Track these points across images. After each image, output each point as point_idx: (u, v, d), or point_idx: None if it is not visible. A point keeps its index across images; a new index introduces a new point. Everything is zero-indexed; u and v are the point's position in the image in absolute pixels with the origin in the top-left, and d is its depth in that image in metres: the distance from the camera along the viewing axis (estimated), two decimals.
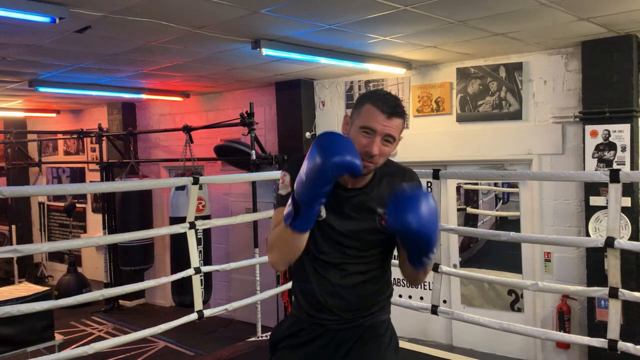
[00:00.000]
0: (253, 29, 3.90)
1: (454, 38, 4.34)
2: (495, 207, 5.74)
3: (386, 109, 1.70)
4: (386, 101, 1.72)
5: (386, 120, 1.70)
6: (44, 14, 3.13)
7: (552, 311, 4.89)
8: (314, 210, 1.59)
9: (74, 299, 3.29)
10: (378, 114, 1.70)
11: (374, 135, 1.70)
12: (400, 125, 1.75)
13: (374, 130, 1.70)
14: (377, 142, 1.70)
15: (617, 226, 2.96)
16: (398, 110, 1.72)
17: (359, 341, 1.91)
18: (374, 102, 1.72)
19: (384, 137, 1.71)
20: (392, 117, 1.71)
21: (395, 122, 1.72)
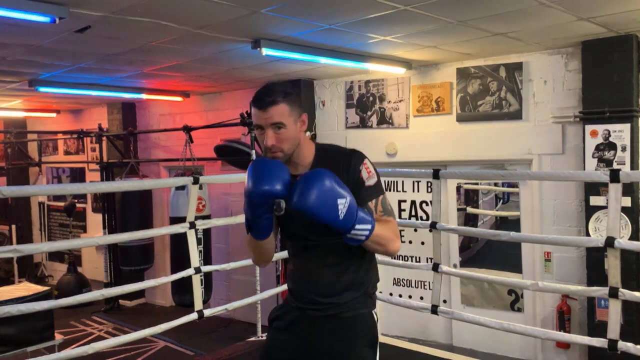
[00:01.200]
0: (253, 29, 3.90)
1: (454, 38, 4.34)
2: (495, 207, 5.74)
3: (258, 104, 1.83)
4: (258, 97, 1.84)
5: (264, 113, 1.82)
6: (44, 14, 3.13)
7: (552, 311, 4.89)
8: (262, 224, 1.81)
9: (74, 298, 3.29)
10: (256, 111, 1.84)
11: (264, 130, 1.84)
12: (284, 109, 1.83)
13: (261, 125, 1.84)
14: (268, 134, 1.83)
15: (617, 226, 2.97)
16: (268, 100, 1.82)
17: (334, 333, 1.96)
18: (252, 102, 1.87)
19: (273, 127, 1.83)
20: (267, 108, 1.82)
21: (274, 110, 1.82)
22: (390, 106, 5.78)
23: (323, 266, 1.97)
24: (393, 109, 5.76)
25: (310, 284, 1.99)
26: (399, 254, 5.55)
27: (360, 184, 1.89)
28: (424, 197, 5.70)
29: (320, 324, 1.98)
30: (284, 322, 2.07)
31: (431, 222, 3.71)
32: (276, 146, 1.85)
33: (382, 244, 1.85)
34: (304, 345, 2.00)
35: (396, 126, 5.74)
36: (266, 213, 1.78)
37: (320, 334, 1.97)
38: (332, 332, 1.96)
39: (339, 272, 1.96)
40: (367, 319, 2.00)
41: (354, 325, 1.97)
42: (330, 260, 1.96)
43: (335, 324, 1.96)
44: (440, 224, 3.70)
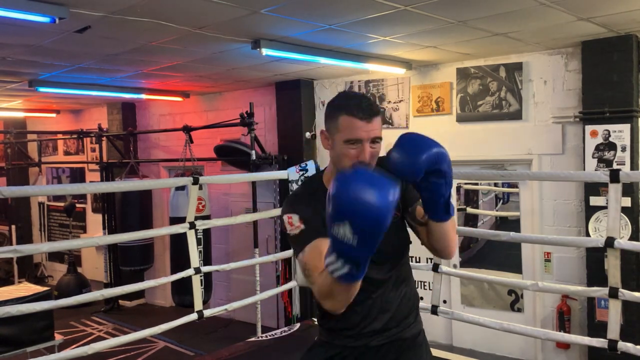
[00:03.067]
0: (253, 29, 3.90)
1: (454, 38, 4.34)
2: (495, 207, 5.74)
3: (364, 114, 1.63)
4: (360, 106, 1.64)
5: (368, 125, 1.63)
6: (44, 14, 3.13)
7: (552, 311, 4.89)
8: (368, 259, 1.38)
9: (74, 299, 3.29)
10: (357, 122, 1.62)
11: (361, 144, 1.63)
12: (381, 122, 1.70)
13: (360, 140, 1.63)
14: (366, 149, 1.64)
15: (617, 226, 2.96)
16: (375, 110, 1.67)
17: (402, 354, 1.85)
18: (349, 111, 1.64)
19: (371, 141, 1.66)
20: (371, 119, 1.64)
21: (377, 123, 1.66)
22: (390, 106, 5.78)
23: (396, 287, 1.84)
24: (393, 109, 5.76)
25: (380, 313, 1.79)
26: None
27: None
28: None
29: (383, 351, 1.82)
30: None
31: None
32: (371, 163, 1.64)
33: (455, 230, 1.73)
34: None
35: (396, 126, 5.74)
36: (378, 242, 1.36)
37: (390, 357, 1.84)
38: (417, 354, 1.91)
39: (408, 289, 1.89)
40: (424, 335, 1.98)
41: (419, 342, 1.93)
42: (400, 279, 1.87)
43: (401, 345, 1.85)
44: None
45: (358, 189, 1.30)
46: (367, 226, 1.29)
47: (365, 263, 1.35)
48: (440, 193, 1.59)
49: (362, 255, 1.33)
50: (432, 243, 1.76)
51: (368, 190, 1.29)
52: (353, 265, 1.34)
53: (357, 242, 1.29)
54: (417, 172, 1.53)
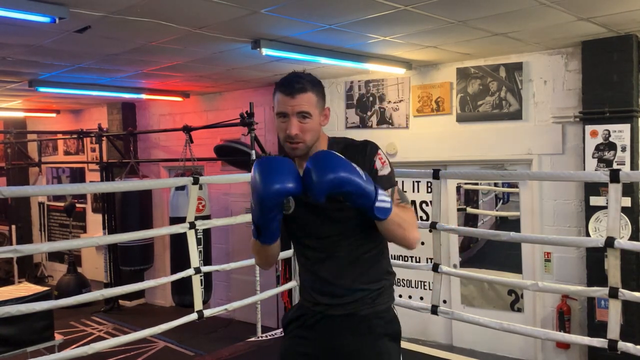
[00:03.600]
0: (253, 29, 3.90)
1: (454, 38, 4.34)
2: (495, 207, 5.74)
3: (287, 90, 1.77)
4: (287, 82, 1.78)
5: (292, 100, 1.76)
6: (44, 14, 3.13)
7: (552, 311, 4.89)
8: (273, 227, 1.72)
9: (74, 299, 3.29)
10: (283, 97, 1.77)
11: (287, 118, 1.77)
12: (312, 98, 1.78)
13: (286, 113, 1.77)
14: (293, 123, 1.76)
15: (617, 226, 2.96)
16: (298, 87, 1.76)
17: (355, 331, 1.91)
18: (279, 87, 1.80)
19: (298, 115, 1.76)
20: (295, 94, 1.76)
21: (303, 98, 1.76)
22: (390, 106, 5.78)
23: (341, 263, 1.91)
24: (393, 109, 5.76)
25: (329, 283, 1.92)
26: (398, 254, 5.55)
27: (374, 173, 1.81)
28: (424, 197, 5.70)
29: (340, 323, 1.92)
30: (304, 325, 2.00)
31: (431, 222, 3.71)
32: (299, 136, 1.77)
33: (403, 226, 1.76)
34: (325, 345, 1.95)
35: (396, 126, 5.74)
36: (278, 215, 1.69)
37: (341, 333, 1.93)
38: (353, 331, 1.92)
39: (358, 269, 1.91)
40: (388, 314, 1.97)
41: (375, 321, 1.93)
42: (348, 257, 1.90)
43: (357, 322, 1.92)
44: (440, 224, 3.70)
45: (257, 171, 1.63)
46: (257, 201, 1.64)
47: (262, 230, 1.72)
48: (357, 205, 1.68)
49: (258, 222, 1.71)
50: (386, 237, 1.88)
51: (263, 174, 1.63)
52: (255, 228, 1.74)
53: (256, 210, 1.67)
54: (318, 197, 1.63)
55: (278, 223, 1.73)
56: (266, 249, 1.85)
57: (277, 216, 1.70)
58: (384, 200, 1.67)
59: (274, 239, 1.78)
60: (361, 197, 1.64)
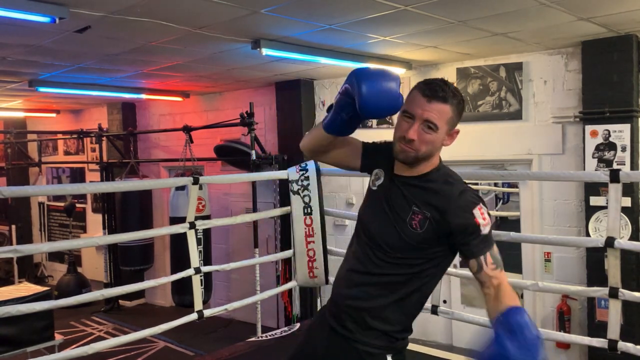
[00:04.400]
0: (253, 29, 3.90)
1: (454, 38, 4.34)
2: (495, 207, 5.74)
3: (426, 92, 1.65)
4: (429, 85, 1.67)
5: (426, 104, 1.64)
6: (44, 14, 3.13)
7: (552, 311, 4.89)
8: (338, 117, 1.78)
9: (74, 299, 3.28)
10: (419, 97, 1.66)
11: (413, 120, 1.66)
12: (445, 112, 1.66)
13: (413, 115, 1.66)
14: (415, 127, 1.65)
15: (617, 226, 2.96)
16: (440, 94, 1.64)
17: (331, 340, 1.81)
18: (420, 86, 1.70)
19: (424, 123, 1.65)
20: (432, 100, 1.64)
21: (437, 107, 1.64)
22: None
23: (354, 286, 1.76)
24: None
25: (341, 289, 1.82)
26: None
27: (475, 229, 1.66)
28: None
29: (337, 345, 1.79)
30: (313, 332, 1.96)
31: None
32: (416, 143, 1.65)
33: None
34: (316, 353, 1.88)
35: None
36: (349, 111, 1.74)
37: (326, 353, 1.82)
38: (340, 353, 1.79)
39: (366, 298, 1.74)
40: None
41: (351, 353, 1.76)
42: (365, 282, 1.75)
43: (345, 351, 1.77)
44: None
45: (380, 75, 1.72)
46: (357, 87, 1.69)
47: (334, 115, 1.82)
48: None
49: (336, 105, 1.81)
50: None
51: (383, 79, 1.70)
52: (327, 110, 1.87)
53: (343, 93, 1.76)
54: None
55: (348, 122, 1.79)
56: (321, 134, 1.89)
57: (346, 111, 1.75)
58: None
59: (332, 129, 1.84)
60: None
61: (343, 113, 1.75)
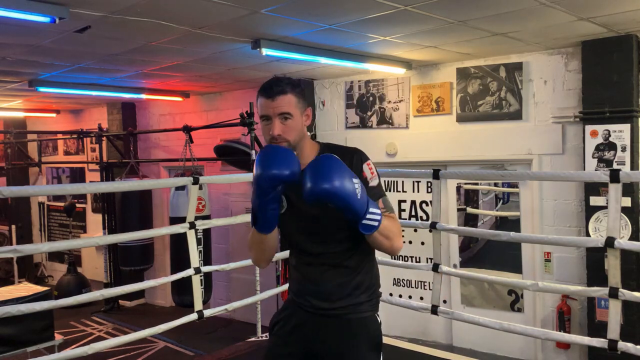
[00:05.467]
0: (253, 29, 3.90)
1: (454, 38, 4.34)
2: (495, 207, 5.74)
3: (266, 93, 1.83)
4: (267, 86, 1.85)
5: (272, 103, 1.82)
6: (44, 14, 3.13)
7: (552, 311, 4.89)
8: (268, 215, 1.80)
9: (74, 299, 3.29)
10: (264, 101, 1.85)
11: (270, 121, 1.84)
12: (292, 99, 1.85)
13: (268, 116, 1.84)
14: (275, 124, 1.83)
15: (617, 226, 2.96)
16: (277, 89, 1.83)
17: (339, 335, 1.95)
18: (260, 92, 1.88)
19: (280, 117, 1.83)
20: (275, 97, 1.82)
21: (283, 100, 1.83)
22: (390, 106, 5.78)
23: (330, 268, 1.95)
24: (393, 109, 5.76)
25: (317, 286, 1.97)
26: (399, 254, 5.55)
27: (365, 183, 1.84)
28: (424, 197, 5.70)
29: (325, 326, 1.96)
30: (289, 325, 2.04)
31: (431, 222, 3.71)
32: (282, 136, 1.84)
33: (389, 237, 1.84)
34: (309, 347, 1.99)
35: (396, 126, 5.74)
36: (274, 202, 1.77)
37: (325, 336, 1.96)
38: (337, 335, 1.95)
39: (346, 274, 1.95)
40: (372, 322, 1.99)
41: (360, 328, 1.96)
42: (337, 262, 1.95)
43: (341, 326, 1.95)
44: (440, 224, 3.70)
45: (259, 157, 1.75)
46: (255, 184, 1.75)
47: (258, 215, 1.80)
48: (345, 218, 1.76)
49: (255, 206, 1.79)
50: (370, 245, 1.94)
51: (263, 159, 1.74)
52: (252, 216, 1.83)
53: (254, 194, 1.77)
54: (308, 201, 1.72)
55: (274, 212, 1.80)
56: (262, 241, 1.90)
57: (272, 204, 1.78)
58: (372, 218, 1.74)
59: (270, 229, 1.85)
60: (350, 212, 1.72)
61: (273, 206, 1.80)
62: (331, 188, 1.65)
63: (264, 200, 1.76)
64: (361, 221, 1.73)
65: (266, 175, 1.70)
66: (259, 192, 1.75)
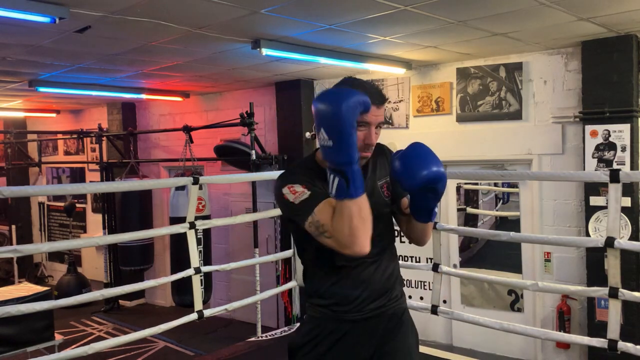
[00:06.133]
0: (253, 29, 3.90)
1: (454, 38, 4.34)
2: (495, 207, 5.74)
3: (376, 99, 1.75)
4: (377, 93, 1.80)
5: (377, 110, 1.77)
6: (44, 14, 3.13)
7: (552, 311, 4.89)
8: (357, 166, 1.54)
9: (74, 299, 3.29)
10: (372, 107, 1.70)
11: (368, 127, 1.77)
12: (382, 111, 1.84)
13: (368, 123, 1.76)
14: (372, 132, 1.78)
15: (617, 226, 2.96)
16: (385, 97, 1.85)
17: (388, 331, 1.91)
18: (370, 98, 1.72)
19: (377, 125, 1.81)
20: (380, 105, 1.79)
21: (383, 109, 1.83)
22: (390, 106, 5.78)
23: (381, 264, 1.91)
24: (393, 109, 5.76)
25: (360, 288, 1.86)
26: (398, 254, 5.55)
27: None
28: None
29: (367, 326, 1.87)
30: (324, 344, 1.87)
31: None
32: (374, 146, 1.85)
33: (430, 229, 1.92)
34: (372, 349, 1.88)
35: (396, 126, 5.74)
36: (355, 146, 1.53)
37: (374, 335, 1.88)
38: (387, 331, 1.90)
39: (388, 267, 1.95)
40: (409, 313, 2.04)
41: (404, 320, 1.98)
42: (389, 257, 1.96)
43: (385, 321, 1.91)
44: (440, 224, 3.70)
45: (324, 99, 1.54)
46: (332, 126, 1.50)
47: (349, 172, 1.51)
48: (429, 206, 1.76)
49: (342, 160, 1.51)
50: (409, 234, 1.96)
51: (332, 99, 1.52)
52: (341, 175, 1.52)
53: (333, 143, 1.50)
54: (413, 187, 1.69)
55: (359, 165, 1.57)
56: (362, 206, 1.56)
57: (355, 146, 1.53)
58: None
59: (362, 187, 1.56)
60: (437, 199, 1.74)
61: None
62: (438, 170, 1.66)
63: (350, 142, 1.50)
64: (434, 206, 1.76)
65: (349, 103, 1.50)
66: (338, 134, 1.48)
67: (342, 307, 1.86)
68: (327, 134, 1.50)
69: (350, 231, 1.55)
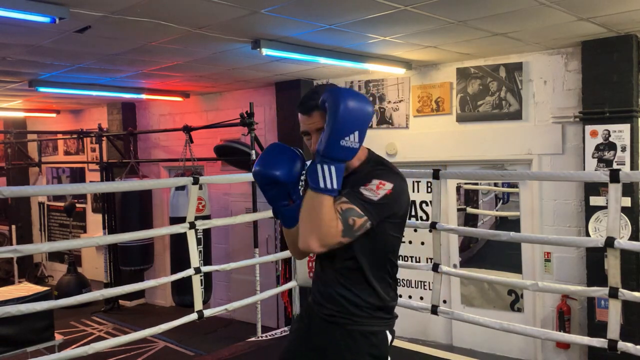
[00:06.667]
0: (253, 29, 3.90)
1: (454, 38, 4.34)
2: (495, 207, 5.74)
3: (301, 110, 1.82)
4: (301, 101, 1.84)
5: (308, 119, 1.81)
6: (44, 14, 3.13)
7: (552, 311, 4.89)
8: (280, 210, 1.89)
9: (74, 299, 3.29)
10: (301, 117, 1.84)
11: (310, 136, 1.84)
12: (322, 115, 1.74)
13: (308, 132, 1.84)
14: (314, 140, 1.81)
15: (617, 226, 2.96)
16: (308, 106, 1.80)
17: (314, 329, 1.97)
18: (297, 108, 1.85)
19: (316, 132, 1.79)
20: (309, 113, 1.80)
21: (316, 116, 1.78)
22: (390, 106, 5.78)
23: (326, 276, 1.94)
24: (393, 109, 5.76)
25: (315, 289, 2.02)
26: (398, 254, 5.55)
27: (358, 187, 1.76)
28: (424, 197, 5.70)
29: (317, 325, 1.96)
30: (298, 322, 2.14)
31: (431, 222, 3.71)
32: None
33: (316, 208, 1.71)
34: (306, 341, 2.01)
35: (396, 126, 5.74)
36: (280, 199, 1.87)
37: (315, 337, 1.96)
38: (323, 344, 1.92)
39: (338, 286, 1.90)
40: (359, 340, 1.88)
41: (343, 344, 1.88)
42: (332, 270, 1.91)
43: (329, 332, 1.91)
44: (440, 224, 3.70)
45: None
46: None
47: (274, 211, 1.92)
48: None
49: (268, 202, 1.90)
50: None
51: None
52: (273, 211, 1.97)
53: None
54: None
55: (286, 208, 1.88)
56: (287, 233, 1.97)
57: (279, 200, 1.87)
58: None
59: (289, 224, 1.91)
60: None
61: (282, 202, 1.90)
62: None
63: (267, 197, 1.87)
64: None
65: (260, 173, 1.83)
66: (260, 189, 1.87)
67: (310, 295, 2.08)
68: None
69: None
